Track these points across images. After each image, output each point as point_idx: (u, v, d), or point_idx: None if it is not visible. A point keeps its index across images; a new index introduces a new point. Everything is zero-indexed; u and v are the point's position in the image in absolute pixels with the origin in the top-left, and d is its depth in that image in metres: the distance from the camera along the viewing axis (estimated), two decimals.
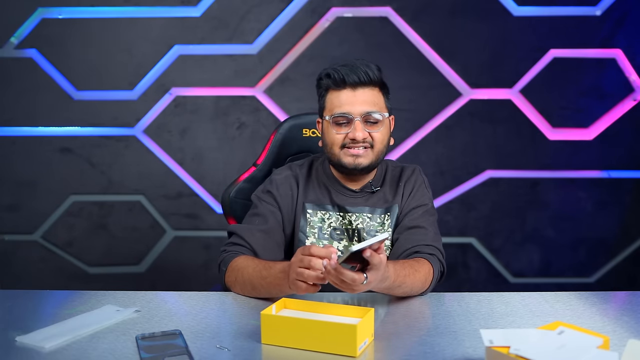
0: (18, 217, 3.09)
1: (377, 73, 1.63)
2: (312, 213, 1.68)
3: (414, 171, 1.73)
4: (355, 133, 1.59)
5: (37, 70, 3.00)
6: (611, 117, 3.03)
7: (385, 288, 1.38)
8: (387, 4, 2.98)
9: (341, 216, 1.67)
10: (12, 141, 3.05)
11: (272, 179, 1.72)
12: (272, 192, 1.68)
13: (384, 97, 1.66)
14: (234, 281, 1.53)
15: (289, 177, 1.71)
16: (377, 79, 1.63)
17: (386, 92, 1.68)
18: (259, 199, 1.69)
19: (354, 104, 1.61)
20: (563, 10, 2.97)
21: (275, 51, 3.01)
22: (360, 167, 1.62)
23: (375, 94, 1.64)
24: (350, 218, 1.67)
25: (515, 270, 3.13)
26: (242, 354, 1.19)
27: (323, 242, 1.66)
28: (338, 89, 1.63)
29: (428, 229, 1.62)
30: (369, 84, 1.62)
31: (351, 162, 1.62)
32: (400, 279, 1.39)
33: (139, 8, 2.98)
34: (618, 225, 3.10)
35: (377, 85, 1.64)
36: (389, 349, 1.22)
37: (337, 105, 1.62)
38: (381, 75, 1.65)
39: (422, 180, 1.72)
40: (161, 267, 3.12)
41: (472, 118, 3.04)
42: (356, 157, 1.61)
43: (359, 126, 1.60)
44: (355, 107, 1.61)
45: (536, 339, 1.08)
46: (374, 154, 1.63)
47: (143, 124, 3.05)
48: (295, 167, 1.75)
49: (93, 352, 1.20)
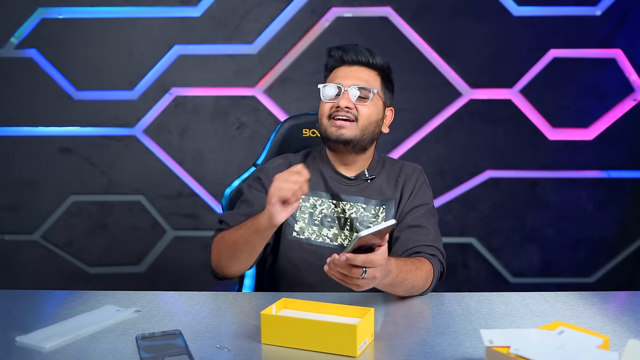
0: (18, 217, 3.09)
1: (379, 60, 1.67)
2: (304, 198, 1.68)
3: (415, 170, 1.73)
4: (340, 100, 1.62)
5: (37, 70, 3.00)
6: (611, 117, 3.03)
7: (388, 284, 1.38)
8: (387, 4, 2.98)
9: (334, 204, 1.67)
10: (13, 141, 3.06)
11: (263, 167, 1.73)
12: (261, 179, 1.68)
13: (381, 82, 1.69)
14: (217, 253, 1.55)
15: (281, 164, 1.71)
16: (377, 63, 1.67)
17: (386, 81, 1.71)
18: (248, 185, 1.70)
19: (347, 77, 1.65)
20: (563, 10, 2.97)
21: (275, 51, 3.01)
22: (343, 138, 1.62)
23: (372, 75, 1.68)
24: (344, 207, 1.67)
25: (515, 270, 3.13)
26: (242, 354, 1.19)
27: (312, 227, 1.66)
28: (337, 66, 1.68)
29: (429, 229, 1.62)
30: (367, 65, 1.67)
31: (334, 132, 1.62)
32: (402, 275, 1.40)
33: (139, 8, 2.98)
34: (618, 225, 3.10)
35: (376, 69, 1.68)
36: (389, 349, 1.22)
37: (332, 79, 1.68)
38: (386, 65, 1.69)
39: (423, 180, 1.72)
40: (161, 267, 3.12)
41: (472, 118, 3.04)
42: (339, 128, 1.62)
43: (346, 95, 1.63)
44: (346, 80, 1.65)
45: (536, 339, 1.08)
46: (358, 127, 1.63)
47: (143, 124, 3.05)
48: (289, 156, 1.76)
49: (93, 352, 1.20)
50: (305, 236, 1.65)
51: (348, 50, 1.67)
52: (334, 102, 1.63)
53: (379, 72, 1.68)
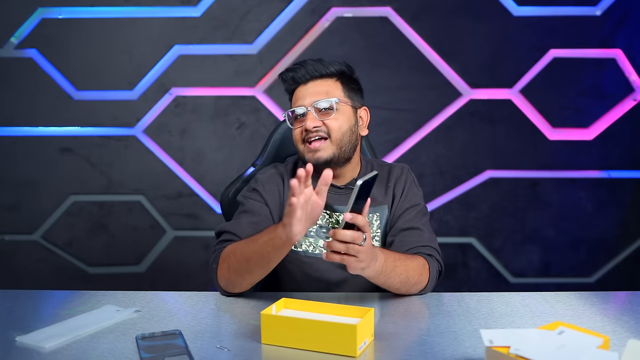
0: (18, 217, 3.09)
1: (332, 66, 1.63)
2: None
3: (403, 170, 1.71)
4: (306, 123, 1.59)
5: (37, 70, 3.00)
6: (611, 117, 3.03)
7: (380, 272, 1.38)
8: (387, 4, 2.98)
9: (328, 214, 1.65)
10: (13, 141, 3.06)
11: (257, 178, 1.69)
12: (258, 190, 1.65)
13: (342, 86, 1.64)
14: (227, 269, 1.47)
15: (274, 174, 1.69)
16: (330, 71, 1.63)
17: (348, 83, 1.66)
18: (245, 197, 1.66)
19: (305, 97, 1.63)
20: (563, 10, 2.97)
21: (275, 51, 3.01)
22: (322, 160, 1.59)
23: (330, 84, 1.64)
24: (337, 217, 1.65)
25: (515, 270, 3.13)
26: (242, 354, 1.19)
27: (309, 239, 1.64)
28: (294, 88, 1.66)
29: (423, 230, 1.62)
30: (321, 76, 1.63)
31: (311, 157, 1.60)
32: (390, 262, 1.40)
33: (139, 8, 2.98)
34: (618, 225, 3.10)
35: (333, 76, 1.64)
36: (389, 349, 1.22)
37: (294, 102, 1.66)
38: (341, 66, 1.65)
39: (412, 179, 1.70)
40: (161, 267, 3.12)
41: (472, 118, 3.04)
42: (315, 151, 1.59)
43: (310, 116, 1.60)
44: (306, 100, 1.62)
45: (536, 339, 1.08)
46: (333, 144, 1.60)
47: (143, 124, 3.05)
48: (279, 166, 1.73)
49: (93, 352, 1.20)
50: (303, 248, 1.63)
51: (297, 69, 1.63)
52: (301, 125, 1.61)
53: (337, 78, 1.64)
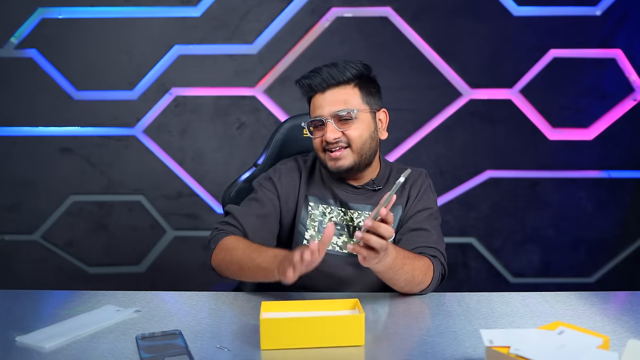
0: (18, 217, 3.09)
1: (349, 71, 1.60)
2: (313, 206, 1.68)
3: (421, 174, 1.73)
4: (326, 135, 1.59)
5: (37, 70, 3.00)
6: (611, 117, 3.03)
7: (389, 267, 1.39)
8: (387, 4, 2.98)
9: (343, 212, 1.67)
10: (12, 141, 3.05)
11: (277, 167, 1.73)
12: (273, 180, 1.69)
13: (360, 92, 1.62)
14: (221, 260, 1.53)
15: (293, 168, 1.72)
16: (347, 77, 1.60)
17: (366, 86, 1.64)
18: (259, 184, 1.70)
19: (324, 106, 1.60)
20: (563, 10, 2.97)
21: (275, 51, 3.01)
22: (343, 169, 1.61)
23: (348, 91, 1.61)
24: (352, 215, 1.67)
25: (515, 270, 3.13)
26: (242, 354, 1.19)
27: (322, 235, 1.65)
28: (312, 95, 1.63)
29: (431, 232, 1.62)
30: (338, 83, 1.60)
31: (333, 165, 1.61)
32: (400, 259, 1.41)
33: (139, 8, 2.98)
34: (618, 225, 3.10)
35: (350, 82, 1.61)
36: (389, 348, 1.22)
37: (312, 110, 1.64)
38: (359, 71, 1.62)
39: (428, 184, 1.72)
40: (161, 267, 3.12)
41: (472, 118, 3.04)
42: (336, 160, 1.60)
43: (330, 127, 1.59)
44: (324, 109, 1.60)
45: (536, 339, 1.08)
46: (354, 153, 1.61)
47: (143, 124, 3.05)
48: (300, 160, 1.76)
49: (93, 352, 1.20)
50: None
51: (313, 77, 1.60)
52: (321, 135, 1.61)
53: (355, 83, 1.62)
